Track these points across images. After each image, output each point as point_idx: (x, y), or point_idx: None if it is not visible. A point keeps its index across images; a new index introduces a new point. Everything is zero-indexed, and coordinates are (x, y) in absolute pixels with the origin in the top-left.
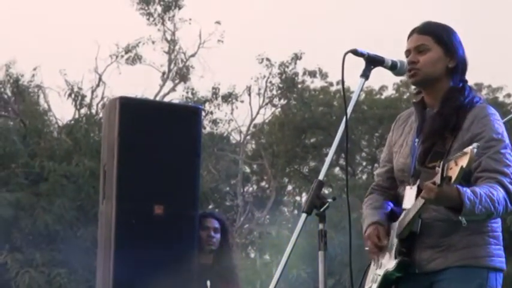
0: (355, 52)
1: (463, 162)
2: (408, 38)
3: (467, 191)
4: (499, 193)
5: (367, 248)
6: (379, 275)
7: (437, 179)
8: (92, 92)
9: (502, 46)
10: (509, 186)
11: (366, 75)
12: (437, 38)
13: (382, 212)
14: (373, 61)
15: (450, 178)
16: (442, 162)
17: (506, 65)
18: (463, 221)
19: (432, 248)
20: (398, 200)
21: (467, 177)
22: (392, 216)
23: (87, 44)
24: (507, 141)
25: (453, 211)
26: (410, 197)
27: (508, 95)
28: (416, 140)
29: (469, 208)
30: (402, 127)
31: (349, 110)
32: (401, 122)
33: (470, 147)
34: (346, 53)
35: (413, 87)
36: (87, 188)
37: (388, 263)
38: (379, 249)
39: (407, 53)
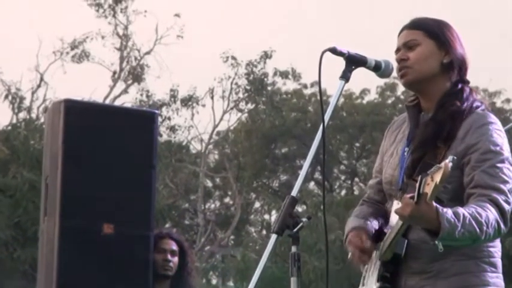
0: (334, 51)
1: (437, 178)
2: (398, 35)
3: (447, 212)
4: (489, 214)
5: (350, 255)
6: None
7: (414, 195)
8: (32, 93)
9: (500, 47)
10: (504, 205)
11: (346, 76)
12: (428, 31)
13: (366, 221)
14: (354, 61)
15: (426, 195)
16: (420, 177)
17: (504, 67)
18: (440, 246)
19: (419, 274)
20: (388, 217)
21: (460, 195)
22: (381, 235)
23: (28, 39)
24: (507, 154)
25: (430, 234)
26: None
27: (507, 100)
28: (406, 149)
29: (448, 231)
30: (395, 134)
31: (327, 116)
32: (395, 128)
33: (446, 160)
34: (323, 52)
35: (400, 90)
36: (25, 203)
37: None
38: (364, 252)
39: (397, 51)
